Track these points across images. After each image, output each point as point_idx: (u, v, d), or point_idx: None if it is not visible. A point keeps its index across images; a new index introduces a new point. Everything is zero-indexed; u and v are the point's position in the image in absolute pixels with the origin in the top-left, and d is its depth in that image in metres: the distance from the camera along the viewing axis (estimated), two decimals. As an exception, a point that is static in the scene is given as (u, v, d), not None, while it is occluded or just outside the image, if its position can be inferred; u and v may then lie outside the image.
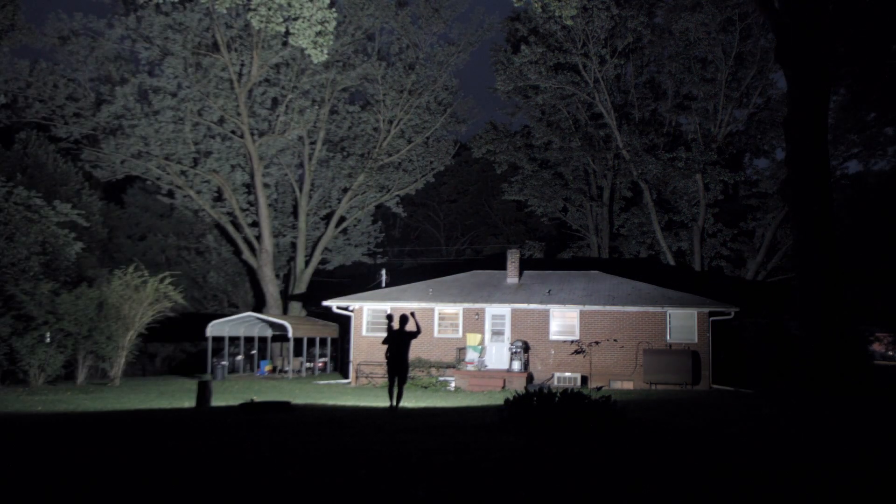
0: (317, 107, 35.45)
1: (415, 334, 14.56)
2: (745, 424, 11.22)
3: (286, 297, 38.10)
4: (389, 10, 35.01)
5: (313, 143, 37.36)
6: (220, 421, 11.78)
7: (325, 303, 28.24)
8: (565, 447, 8.07)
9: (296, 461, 7.19)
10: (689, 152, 35.42)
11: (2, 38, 23.65)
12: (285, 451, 7.92)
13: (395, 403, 14.51)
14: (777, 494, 5.94)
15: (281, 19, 16.93)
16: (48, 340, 23.90)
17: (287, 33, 18.12)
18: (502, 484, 6.12)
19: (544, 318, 26.11)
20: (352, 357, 27.42)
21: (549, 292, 26.99)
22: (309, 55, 17.78)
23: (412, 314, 14.90)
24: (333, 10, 17.35)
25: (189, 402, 17.29)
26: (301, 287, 38.05)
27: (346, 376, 29.93)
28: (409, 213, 48.64)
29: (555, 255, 43.48)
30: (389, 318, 15.40)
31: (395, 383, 14.52)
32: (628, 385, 24.66)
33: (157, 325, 26.69)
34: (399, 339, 14.52)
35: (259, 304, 37.55)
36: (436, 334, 26.76)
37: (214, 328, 30.01)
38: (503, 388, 23.80)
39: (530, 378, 24.69)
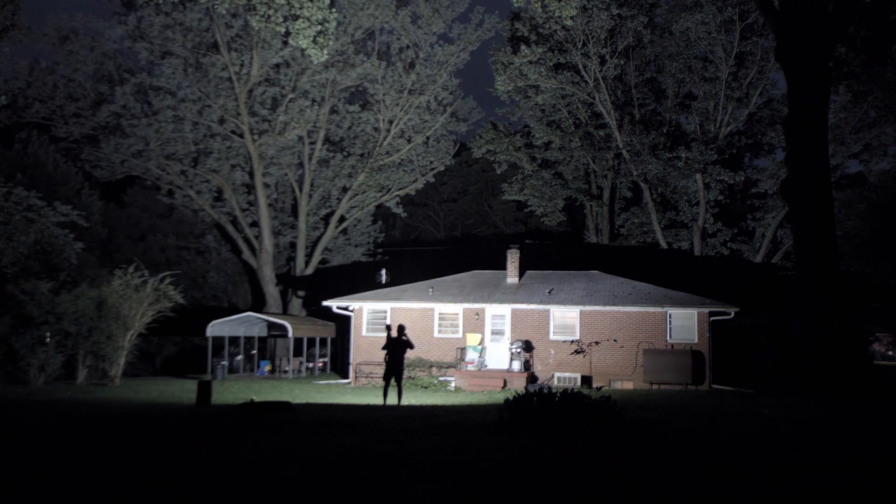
0: (317, 107, 35.43)
1: (410, 346, 17.31)
2: (746, 425, 11.21)
3: (286, 296, 38.09)
4: (389, 9, 34.99)
5: (313, 142, 37.36)
6: (221, 421, 11.77)
7: (325, 303, 28.23)
8: (565, 447, 8.06)
9: (296, 461, 7.18)
10: (689, 152, 35.43)
11: (2, 38, 23.62)
12: (285, 451, 7.92)
13: (397, 402, 16.75)
14: (777, 495, 5.93)
15: (281, 19, 16.93)
16: (48, 340, 23.90)
17: (287, 33, 18.12)
18: (502, 484, 6.11)
19: (544, 318, 26.10)
20: (351, 357, 27.41)
21: (549, 292, 26.99)
22: (309, 55, 17.76)
23: (403, 331, 17.53)
24: (333, 9, 17.35)
25: (189, 402, 17.28)
26: (301, 287, 38.04)
27: (344, 376, 29.92)
28: (409, 213, 48.63)
29: (555, 255, 43.44)
30: (388, 328, 18.01)
31: (391, 384, 17.08)
32: (629, 385, 24.66)
33: (156, 324, 26.67)
34: (397, 345, 17.04)
35: (259, 304, 37.54)
36: (436, 334, 26.75)
37: (214, 328, 30.00)
38: (503, 388, 23.80)
39: (531, 378, 24.69)
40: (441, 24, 36.56)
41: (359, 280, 37.68)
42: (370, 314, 27.44)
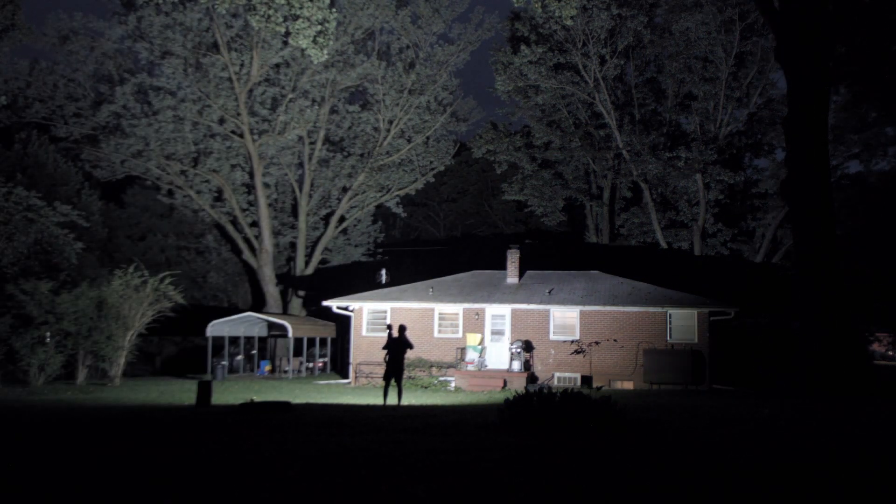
0: (317, 107, 35.42)
1: (410, 346, 17.30)
2: (746, 425, 11.21)
3: (286, 296, 38.10)
4: (389, 9, 34.98)
5: (313, 142, 37.36)
6: (221, 421, 11.77)
7: (325, 303, 28.22)
8: (565, 447, 8.06)
9: (296, 461, 7.18)
10: (689, 152, 35.43)
11: (2, 38, 23.62)
12: (285, 451, 7.92)
13: (397, 402, 16.67)
14: (777, 495, 5.93)
15: (281, 19, 16.92)
16: (48, 340, 23.90)
17: (287, 33, 18.11)
18: (502, 484, 6.11)
19: (544, 318, 26.10)
20: (352, 357, 27.40)
21: (549, 292, 26.99)
22: (309, 55, 17.76)
23: (403, 331, 17.41)
24: (333, 10, 17.34)
25: (189, 402, 17.29)
26: (301, 287, 38.05)
27: (344, 376, 29.92)
28: (409, 213, 48.60)
29: (555, 255, 43.44)
30: (389, 327, 17.99)
31: (391, 384, 16.96)
32: (629, 385, 24.66)
33: (156, 324, 26.68)
34: (398, 345, 16.97)
35: (259, 304, 37.54)
36: (436, 334, 26.75)
37: (214, 328, 29.99)
38: (503, 388, 23.80)
39: (531, 378, 24.69)
40: (441, 24, 36.56)
41: (359, 280, 37.69)
42: (370, 314, 27.43)
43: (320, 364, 34.29)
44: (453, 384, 24.94)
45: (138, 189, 38.83)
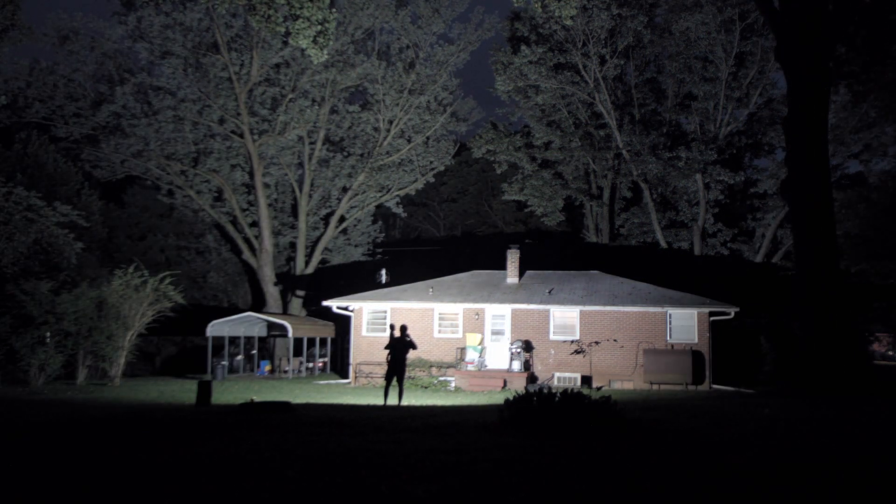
0: (317, 107, 35.43)
1: (413, 346, 17.35)
2: (746, 425, 11.21)
3: (286, 296, 38.11)
4: (389, 9, 35.00)
5: (313, 142, 37.36)
6: (221, 421, 11.77)
7: (325, 303, 28.23)
8: (565, 447, 8.06)
9: (296, 461, 7.18)
10: (689, 152, 35.42)
11: (2, 38, 23.61)
12: (285, 451, 7.92)
13: (398, 402, 16.75)
14: (778, 495, 5.93)
15: (281, 19, 16.92)
16: (48, 340, 23.90)
17: (287, 33, 18.12)
18: (502, 484, 6.11)
19: (544, 318, 26.10)
20: (352, 357, 27.41)
21: (549, 292, 26.99)
22: (309, 55, 17.76)
23: (405, 331, 17.58)
24: (333, 10, 17.34)
25: (189, 402, 17.29)
26: (301, 287, 38.05)
27: (344, 376, 29.92)
28: (409, 213, 48.62)
29: (555, 255, 43.42)
30: (392, 327, 18.11)
31: (393, 384, 17.05)
32: (629, 385, 24.66)
33: (156, 324, 26.68)
34: (400, 345, 17.07)
35: (259, 304, 37.54)
36: (436, 334, 26.75)
37: (214, 328, 29.98)
38: (503, 388, 23.80)
39: (531, 378, 24.69)
40: (441, 24, 36.56)
41: (359, 280, 37.69)
42: (370, 314, 27.44)
43: (320, 364, 34.29)
44: (453, 384, 24.94)
45: (138, 189, 38.84)
